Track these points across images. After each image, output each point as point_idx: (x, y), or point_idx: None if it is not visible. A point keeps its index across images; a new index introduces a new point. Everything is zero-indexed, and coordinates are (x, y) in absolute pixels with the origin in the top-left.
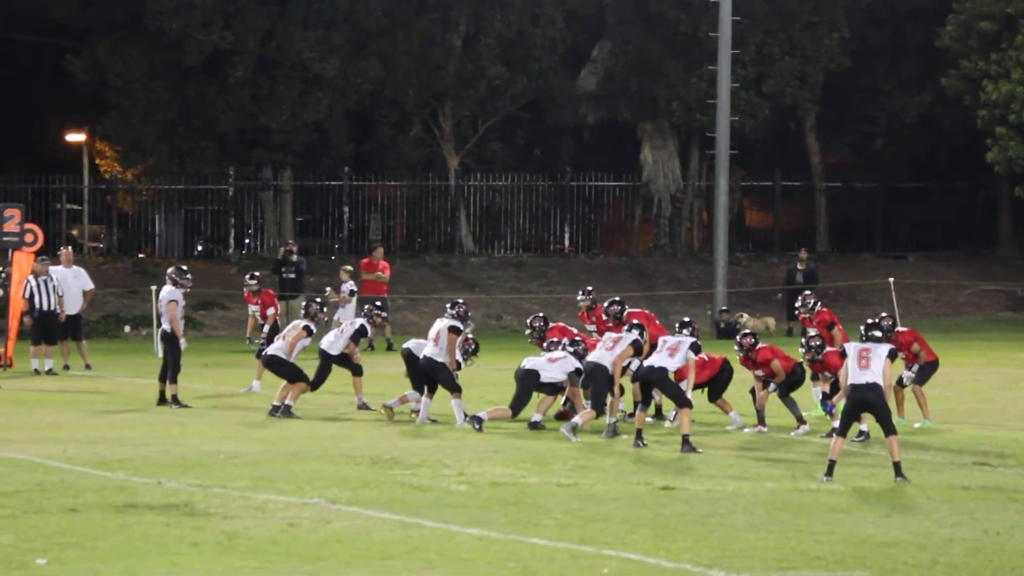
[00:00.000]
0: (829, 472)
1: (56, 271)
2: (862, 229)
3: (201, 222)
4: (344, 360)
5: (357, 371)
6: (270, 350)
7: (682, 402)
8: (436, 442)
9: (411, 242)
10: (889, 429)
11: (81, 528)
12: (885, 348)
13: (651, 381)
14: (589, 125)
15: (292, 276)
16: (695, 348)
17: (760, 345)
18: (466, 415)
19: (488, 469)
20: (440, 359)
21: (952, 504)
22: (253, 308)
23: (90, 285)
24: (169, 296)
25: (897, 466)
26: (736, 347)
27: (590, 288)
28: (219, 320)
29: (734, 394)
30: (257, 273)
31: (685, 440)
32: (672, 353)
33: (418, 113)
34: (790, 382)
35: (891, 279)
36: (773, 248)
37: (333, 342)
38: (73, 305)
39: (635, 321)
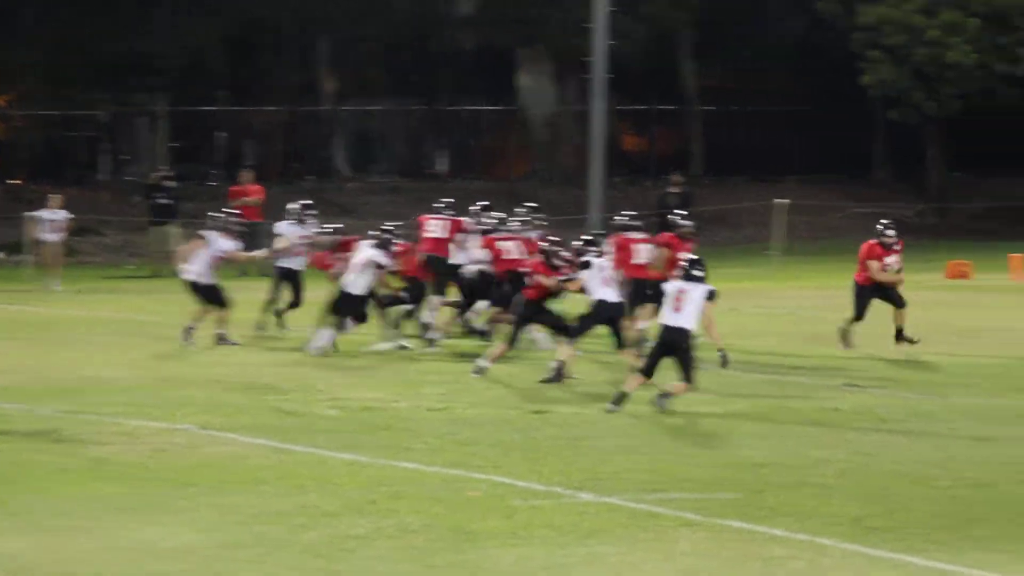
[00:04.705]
0: (617, 402)
1: None
2: (738, 153)
3: (76, 148)
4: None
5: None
6: (190, 276)
7: (562, 330)
8: (309, 368)
9: (287, 168)
10: (687, 377)
11: None
12: (701, 290)
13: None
14: (466, 50)
15: (166, 202)
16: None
17: None
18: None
19: (360, 394)
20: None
21: (823, 426)
22: None
23: None
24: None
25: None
26: None
27: None
28: (94, 246)
29: None
30: None
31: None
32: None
33: (296, 38)
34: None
35: (785, 200)
36: (649, 172)
37: (354, 281)
38: None
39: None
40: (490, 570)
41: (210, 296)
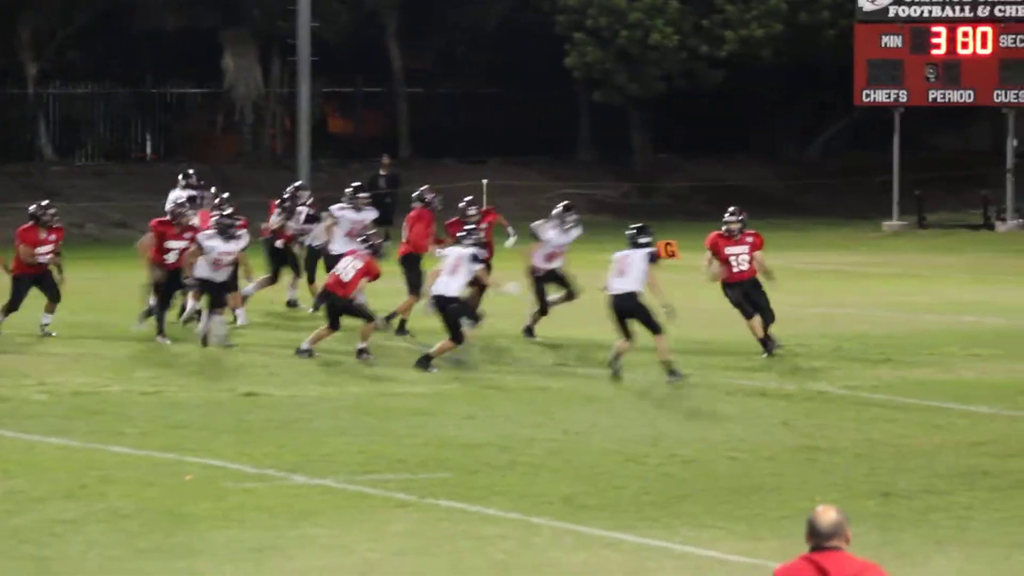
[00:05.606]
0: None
1: None
2: (445, 135)
3: None
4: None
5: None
6: None
7: (474, 317)
8: (17, 353)
9: None
10: (655, 328)
11: None
12: (642, 253)
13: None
14: (170, 32)
15: None
16: (475, 258)
17: None
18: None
19: (69, 378)
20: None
21: (533, 406)
22: None
23: None
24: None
25: (668, 364)
26: None
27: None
28: None
29: None
30: None
31: (429, 357)
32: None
33: None
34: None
35: (484, 181)
36: (356, 154)
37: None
38: None
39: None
40: (202, 552)
41: None
